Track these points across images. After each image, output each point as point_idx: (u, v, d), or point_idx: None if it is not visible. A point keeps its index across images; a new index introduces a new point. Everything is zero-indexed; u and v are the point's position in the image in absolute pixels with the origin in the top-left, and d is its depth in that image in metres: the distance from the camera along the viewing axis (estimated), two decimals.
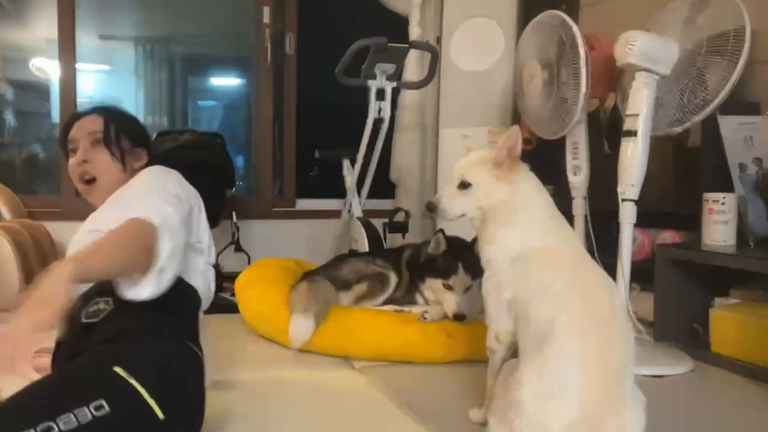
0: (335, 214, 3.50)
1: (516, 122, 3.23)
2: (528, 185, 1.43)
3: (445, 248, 2.18)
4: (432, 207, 1.46)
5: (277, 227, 3.68)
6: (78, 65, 3.36)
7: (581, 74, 2.20)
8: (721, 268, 2.09)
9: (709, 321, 2.15)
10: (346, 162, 3.31)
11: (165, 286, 1.20)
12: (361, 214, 3.19)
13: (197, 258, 1.43)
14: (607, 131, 2.89)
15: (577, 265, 1.35)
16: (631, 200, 2.02)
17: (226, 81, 4.20)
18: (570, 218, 2.30)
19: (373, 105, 2.94)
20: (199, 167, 1.38)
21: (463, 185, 1.43)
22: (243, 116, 4.07)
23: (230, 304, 2.52)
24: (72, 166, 1.47)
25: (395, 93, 3.10)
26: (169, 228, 1.21)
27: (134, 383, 1.09)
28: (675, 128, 2.04)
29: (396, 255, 2.41)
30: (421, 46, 3.21)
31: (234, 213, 3.32)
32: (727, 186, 2.23)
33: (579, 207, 2.43)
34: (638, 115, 1.99)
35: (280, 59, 3.72)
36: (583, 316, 1.23)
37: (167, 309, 1.26)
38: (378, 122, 2.99)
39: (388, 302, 2.30)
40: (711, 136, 2.29)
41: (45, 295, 0.98)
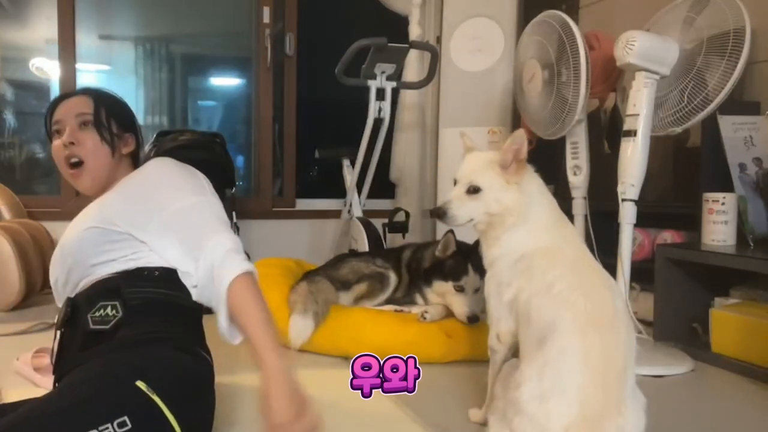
0: (335, 214, 3.50)
1: (516, 122, 3.24)
2: (534, 188, 1.41)
3: (455, 250, 2.15)
4: (441, 213, 1.39)
5: (277, 227, 3.68)
6: (78, 65, 3.36)
7: (581, 74, 2.20)
8: (721, 268, 2.09)
9: (709, 321, 2.15)
10: (346, 162, 3.31)
11: None
12: (361, 214, 3.19)
13: None
14: (607, 131, 2.89)
15: (580, 266, 1.35)
16: (631, 200, 2.03)
17: (226, 81, 4.20)
18: (570, 218, 2.29)
19: (373, 105, 2.94)
20: (199, 167, 1.36)
21: (472, 190, 1.38)
22: (243, 116, 4.07)
23: None
24: (57, 148, 1.38)
25: (395, 93, 3.10)
26: None
27: (156, 399, 1.08)
28: (675, 128, 2.04)
29: (396, 255, 2.41)
30: (421, 46, 3.21)
31: (234, 213, 3.31)
32: (727, 186, 2.23)
33: (579, 207, 2.43)
34: (638, 115, 2.00)
35: (280, 59, 3.72)
36: (586, 317, 1.22)
37: (177, 313, 1.26)
38: (378, 122, 2.99)
39: (388, 302, 2.30)
40: (711, 136, 2.30)
41: (295, 402, 1.07)
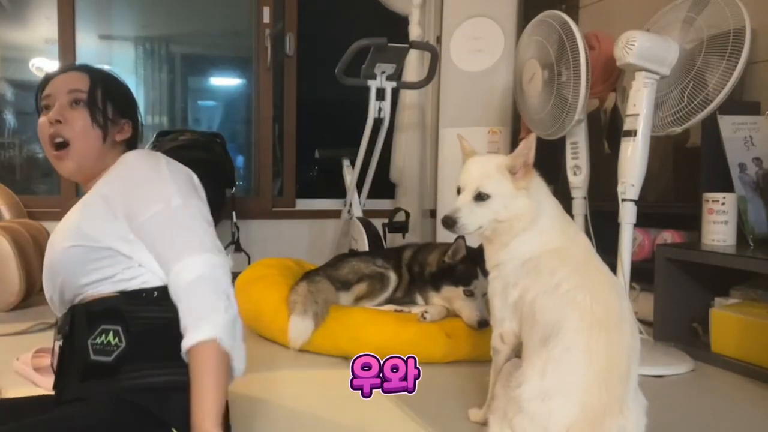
0: (335, 214, 3.50)
1: (516, 122, 3.25)
2: (541, 193, 1.39)
3: (464, 255, 2.12)
4: (451, 223, 1.35)
5: (277, 227, 3.68)
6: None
7: (581, 74, 2.20)
8: (721, 268, 2.10)
9: (709, 321, 2.15)
10: (346, 162, 3.31)
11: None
12: (361, 214, 3.19)
13: None
14: (607, 131, 2.89)
15: (587, 266, 1.34)
16: (631, 200, 2.02)
17: (226, 81, 4.20)
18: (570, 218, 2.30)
19: (373, 105, 2.94)
20: (199, 167, 1.33)
21: (480, 197, 1.35)
22: (243, 116, 4.07)
23: None
24: (43, 125, 1.25)
25: (395, 93, 3.10)
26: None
27: None
28: (675, 128, 2.04)
29: (396, 255, 2.41)
30: (421, 46, 3.21)
31: (234, 213, 3.31)
32: (727, 186, 2.23)
33: (579, 207, 2.43)
34: (638, 115, 1.99)
35: (280, 59, 3.72)
36: (592, 317, 1.22)
37: (180, 337, 1.14)
38: (378, 122, 2.99)
39: (388, 302, 2.30)
40: (711, 136, 2.30)
41: None
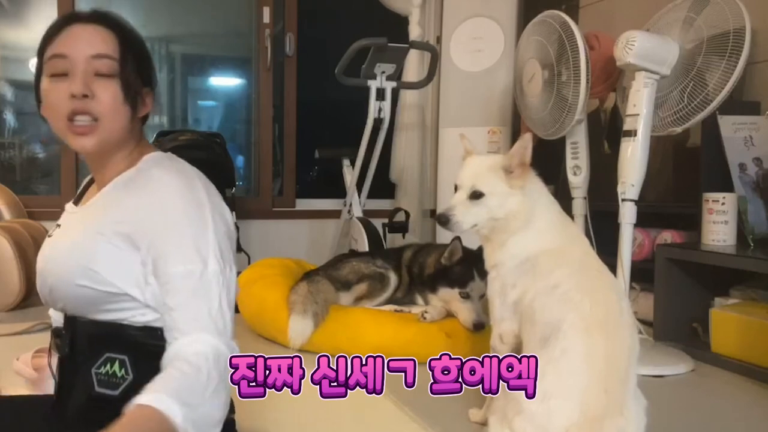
0: (335, 214, 3.50)
1: (516, 122, 3.24)
2: (538, 192, 1.40)
3: (461, 256, 2.12)
4: (444, 220, 1.36)
5: (277, 227, 3.68)
6: None
7: (581, 74, 2.20)
8: (721, 268, 2.10)
9: (709, 321, 2.15)
10: (346, 162, 3.31)
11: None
12: (361, 214, 3.19)
13: None
14: (607, 131, 2.89)
15: (586, 266, 1.34)
16: (631, 200, 2.03)
17: (226, 81, 4.20)
18: (570, 218, 2.30)
19: (373, 105, 2.94)
20: (199, 167, 1.30)
21: (475, 195, 1.35)
22: (243, 116, 4.07)
23: None
24: (61, 98, 0.97)
25: (395, 93, 3.10)
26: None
27: None
28: (675, 128, 2.04)
29: (396, 255, 2.41)
30: (421, 46, 3.21)
31: (234, 213, 3.31)
32: (727, 186, 2.23)
33: (579, 207, 2.43)
34: (638, 115, 1.99)
35: (280, 59, 3.72)
36: (591, 317, 1.22)
37: None
38: (378, 122, 2.98)
39: (388, 302, 2.30)
40: (711, 136, 2.30)
41: None
